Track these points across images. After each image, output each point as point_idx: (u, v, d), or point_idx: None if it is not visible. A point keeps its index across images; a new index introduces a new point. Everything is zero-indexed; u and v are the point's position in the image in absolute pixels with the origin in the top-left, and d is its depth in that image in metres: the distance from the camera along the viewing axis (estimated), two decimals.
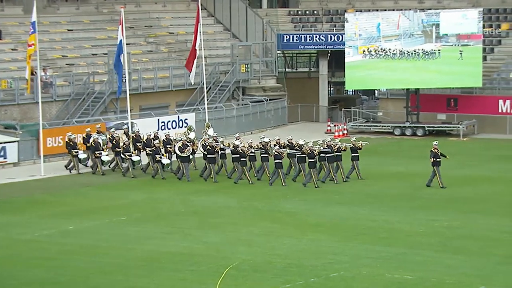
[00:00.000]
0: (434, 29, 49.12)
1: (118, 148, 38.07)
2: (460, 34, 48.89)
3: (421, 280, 22.06)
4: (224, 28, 57.71)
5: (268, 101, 52.49)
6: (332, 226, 28.21)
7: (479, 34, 48.67)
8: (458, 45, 48.69)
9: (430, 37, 49.21)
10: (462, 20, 48.69)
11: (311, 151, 34.68)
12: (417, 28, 49.46)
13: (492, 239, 26.17)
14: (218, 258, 24.44)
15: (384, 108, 53.94)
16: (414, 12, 50.08)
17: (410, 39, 49.43)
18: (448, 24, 48.90)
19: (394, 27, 49.80)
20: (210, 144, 36.38)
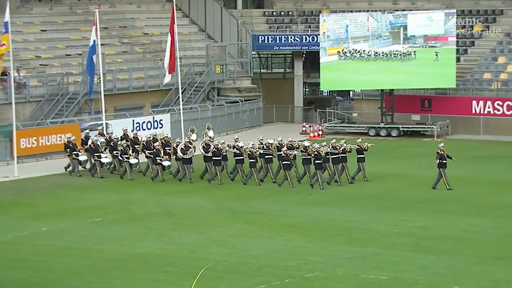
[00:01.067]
0: (402, 31, 49.34)
1: (116, 150, 37.67)
2: (427, 36, 49.15)
3: (395, 280, 22.12)
4: (199, 28, 57.63)
5: (243, 102, 52.48)
6: (306, 227, 28.23)
7: (446, 35, 48.92)
8: (425, 46, 48.94)
9: (398, 39, 49.43)
10: (430, 22, 48.93)
11: (318, 152, 34.32)
12: (385, 30, 49.66)
13: (465, 239, 26.30)
14: (193, 259, 24.39)
15: (359, 109, 54.10)
16: (382, 14, 50.26)
17: (378, 41, 49.60)
18: (416, 26, 49.14)
19: (363, 28, 49.96)
20: (216, 146, 35.93)
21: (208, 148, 36.14)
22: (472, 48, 53.99)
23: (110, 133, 39.51)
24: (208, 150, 36.10)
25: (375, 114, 51.76)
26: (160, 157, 36.39)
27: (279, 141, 36.48)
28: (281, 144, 36.27)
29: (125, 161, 37.02)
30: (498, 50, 52.94)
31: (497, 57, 52.42)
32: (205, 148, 36.23)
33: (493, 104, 49.23)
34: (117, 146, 37.79)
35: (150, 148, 37.28)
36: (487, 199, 32.25)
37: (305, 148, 35.08)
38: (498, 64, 51.93)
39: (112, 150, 37.89)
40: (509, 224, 28.13)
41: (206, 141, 36.66)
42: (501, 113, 49.02)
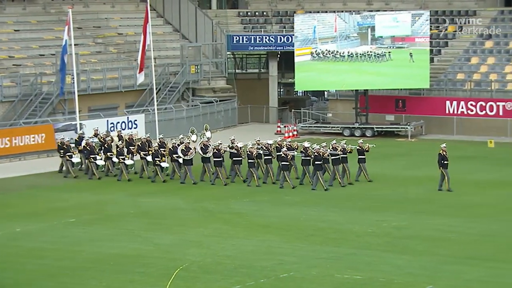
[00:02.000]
0: (369, 32, 49.55)
1: (110, 152, 37.31)
2: (395, 37, 49.39)
3: (370, 280, 22.21)
4: (173, 29, 57.53)
5: (218, 102, 52.45)
6: (281, 227, 28.27)
7: (413, 36, 49.16)
8: (393, 47, 49.18)
9: (366, 39, 49.63)
10: (397, 23, 49.16)
11: (318, 153, 34.09)
12: (353, 30, 49.83)
13: (438, 239, 26.44)
14: (168, 259, 24.35)
15: (333, 109, 54.24)
16: (350, 15, 50.42)
17: (346, 41, 49.76)
18: (383, 27, 49.35)
19: (330, 29, 50.11)
20: (216, 147, 35.66)
21: (206, 149, 35.91)
22: (446, 49, 54.30)
23: (104, 135, 38.92)
24: (206, 151, 35.89)
25: (349, 115, 51.92)
26: (160, 158, 36.02)
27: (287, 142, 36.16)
28: (280, 144, 36.05)
29: (121, 162, 36.66)
30: (471, 50, 53.27)
31: (470, 58, 52.75)
32: (203, 149, 35.99)
33: (467, 104, 49.53)
34: (111, 147, 37.36)
35: (146, 149, 36.99)
36: (461, 199, 32.42)
37: (305, 149, 34.80)
38: (471, 64, 52.26)
39: (106, 151, 37.43)
40: (483, 224, 28.32)
41: (203, 142, 36.38)
42: (474, 113, 49.32)
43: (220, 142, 36.43)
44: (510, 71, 50.78)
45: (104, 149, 37.58)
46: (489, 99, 49.26)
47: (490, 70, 51.37)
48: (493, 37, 53.46)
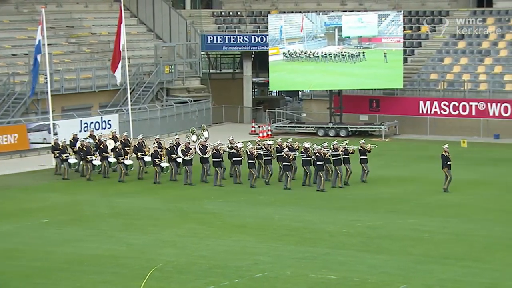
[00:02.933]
0: (336, 32, 49.70)
1: (105, 152, 36.92)
2: (361, 37, 49.59)
3: (344, 280, 22.27)
4: (147, 28, 57.38)
5: (192, 102, 52.38)
6: (256, 227, 28.28)
7: (379, 37, 49.39)
8: (360, 47, 49.39)
9: (333, 40, 49.78)
10: (363, 23, 49.36)
11: (320, 153, 33.88)
12: (320, 31, 49.95)
13: (412, 238, 26.56)
14: (142, 260, 24.28)
15: (307, 109, 54.35)
16: (317, 15, 50.54)
17: (313, 42, 49.88)
18: (350, 27, 49.52)
19: (297, 29, 50.21)
20: (216, 147, 35.33)
21: (205, 149, 35.67)
22: (419, 49, 54.57)
23: (99, 136, 38.50)
24: (205, 151, 35.69)
25: (324, 115, 52.04)
26: (159, 158, 35.70)
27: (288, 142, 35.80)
28: (280, 145, 35.78)
29: (120, 162, 36.28)
30: (444, 51, 53.57)
31: (443, 58, 53.05)
32: (201, 149, 35.73)
33: (440, 104, 49.80)
34: (107, 148, 37.02)
35: (142, 150, 36.76)
36: (435, 198, 32.59)
37: (305, 150, 34.58)
38: (444, 64, 52.55)
39: (102, 152, 37.05)
40: (456, 224, 28.48)
41: (202, 142, 36.08)
42: (448, 113, 49.60)
43: (220, 143, 36.07)
44: (483, 71, 51.12)
45: (100, 150, 37.12)
46: (462, 99, 49.55)
47: (463, 70, 51.68)
48: (466, 37, 53.78)
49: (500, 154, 42.69)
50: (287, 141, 36.18)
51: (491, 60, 51.68)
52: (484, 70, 51.14)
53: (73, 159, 37.13)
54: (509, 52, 51.74)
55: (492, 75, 50.65)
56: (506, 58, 51.44)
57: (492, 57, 51.81)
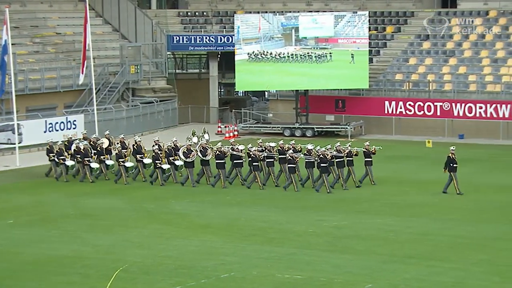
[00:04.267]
0: (293, 32, 49.86)
1: (102, 155, 36.48)
2: (318, 38, 49.79)
3: (310, 280, 22.33)
4: (113, 28, 57.15)
5: (158, 102, 52.26)
6: (223, 227, 28.27)
7: (336, 37, 49.63)
8: (317, 48, 49.58)
9: (290, 40, 49.94)
10: (320, 24, 49.55)
11: (323, 155, 33.45)
12: (277, 31, 50.08)
13: (378, 238, 26.69)
14: (108, 260, 24.19)
15: (274, 109, 54.43)
16: (274, 16, 50.66)
17: (270, 42, 50.00)
18: (307, 28, 49.69)
19: (254, 29, 50.30)
20: (219, 149, 34.91)
21: (206, 152, 35.37)
22: (385, 50, 54.87)
23: (94, 138, 37.94)
24: (206, 154, 35.32)
25: (290, 115, 52.16)
26: (160, 160, 35.30)
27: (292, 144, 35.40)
28: (282, 147, 35.32)
29: (121, 165, 35.76)
30: (409, 51, 53.91)
31: (408, 58, 53.38)
32: (202, 151, 35.37)
33: (405, 105, 50.11)
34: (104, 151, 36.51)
35: (141, 152, 36.40)
36: (400, 198, 32.77)
37: (309, 151, 34.22)
38: (409, 65, 52.88)
39: (99, 155, 36.54)
40: (421, 223, 28.66)
41: (202, 145, 35.67)
42: (413, 113, 49.92)
43: (222, 144, 35.70)
44: (447, 71, 51.52)
45: (97, 153, 36.64)
46: (427, 99, 49.90)
47: (427, 70, 52.03)
48: (431, 37, 54.17)
49: (465, 154, 42.95)
50: (290, 143, 35.73)
51: (455, 60, 52.09)
52: (449, 71, 51.54)
53: (70, 161, 36.45)
54: (473, 52, 52.18)
55: (457, 75, 51.05)
56: (470, 59, 51.88)
57: (456, 58, 52.23)
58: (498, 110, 48.02)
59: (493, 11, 54.03)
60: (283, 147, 35.42)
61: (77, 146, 36.62)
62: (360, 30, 49.65)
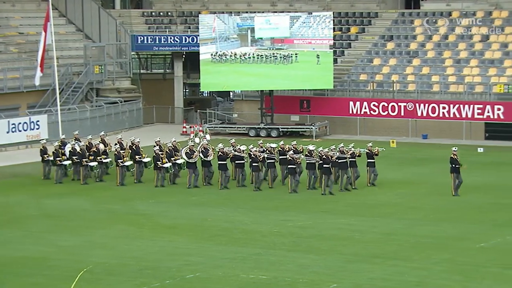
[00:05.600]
0: (249, 33, 49.95)
1: (99, 156, 36.02)
2: (274, 38, 49.93)
3: (275, 280, 22.36)
4: (76, 28, 56.83)
5: (122, 103, 52.05)
6: (188, 228, 28.24)
7: (292, 38, 49.80)
8: (273, 48, 49.71)
9: (245, 41, 50.01)
10: (276, 25, 49.67)
11: (327, 156, 33.09)
12: (233, 32, 50.13)
13: (342, 238, 26.80)
14: (72, 261, 24.05)
15: (239, 109, 54.45)
16: (229, 16, 50.72)
17: (226, 43, 50.03)
18: (263, 28, 49.81)
19: (209, 30, 50.33)
20: (221, 150, 34.50)
21: (207, 152, 35.03)
22: (349, 50, 55.10)
23: (90, 139, 37.51)
24: (207, 154, 34.98)
25: (255, 115, 52.20)
26: (160, 161, 34.97)
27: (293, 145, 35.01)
28: (283, 148, 35.03)
29: (121, 165, 35.38)
30: (373, 52, 54.20)
31: (372, 59, 53.66)
32: (203, 152, 35.08)
33: (369, 105, 50.37)
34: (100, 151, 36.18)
35: (139, 153, 36.03)
36: (365, 198, 32.91)
37: (310, 152, 33.93)
38: (374, 65, 53.17)
39: (96, 155, 36.13)
40: (385, 223, 28.82)
41: (204, 145, 35.30)
42: (377, 113, 50.19)
43: (222, 144, 35.30)
44: (411, 72, 51.85)
45: (94, 154, 36.19)
46: (391, 100, 50.20)
47: (392, 71, 52.35)
48: (394, 38, 54.49)
49: (428, 154, 43.33)
50: (291, 144, 35.50)
51: (419, 61, 52.45)
52: (412, 71, 51.88)
53: (67, 161, 35.99)
54: (436, 53, 52.59)
55: (420, 76, 51.41)
56: (433, 59, 52.27)
57: (420, 58, 52.59)
58: (461, 111, 48.43)
59: (456, 12, 54.48)
60: (283, 147, 35.16)
61: (73, 147, 36.27)
62: (315, 31, 49.72)
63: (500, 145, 45.72)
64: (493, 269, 23.13)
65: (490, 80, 49.37)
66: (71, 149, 36.27)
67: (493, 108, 47.76)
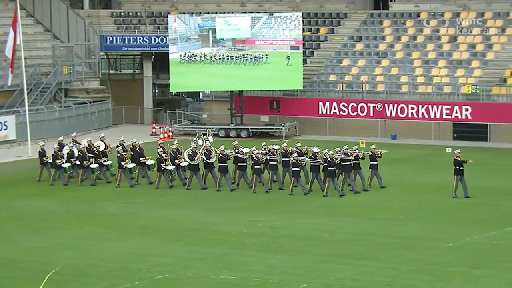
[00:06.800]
0: (210, 34, 49.96)
1: (99, 158, 35.71)
2: (235, 39, 50.00)
3: (245, 280, 22.37)
4: (44, 28, 56.49)
5: (91, 103, 51.81)
6: (157, 229, 28.17)
7: (253, 39, 49.89)
8: (234, 49, 49.77)
9: (207, 42, 49.99)
10: (237, 25, 49.74)
11: (331, 159, 32.86)
12: (194, 32, 50.12)
13: (312, 238, 26.86)
14: (40, 263, 23.91)
15: (208, 110, 54.41)
16: (190, 17, 50.71)
17: (187, 43, 49.99)
18: (224, 29, 49.84)
19: (170, 30, 50.29)
20: (222, 152, 34.19)
21: (210, 154, 34.71)
22: (318, 51, 55.25)
23: (89, 141, 36.97)
24: (210, 156, 34.66)
25: (225, 116, 52.18)
26: (164, 163, 34.68)
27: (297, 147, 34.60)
28: (285, 150, 34.67)
29: (122, 167, 35.04)
30: (343, 52, 54.39)
31: (342, 60, 53.83)
32: (206, 154, 34.78)
33: (339, 105, 50.52)
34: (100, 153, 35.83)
35: (143, 155, 35.70)
36: (334, 199, 32.98)
37: (314, 155, 33.63)
38: (343, 66, 53.34)
39: (97, 157, 35.77)
40: (354, 223, 28.92)
41: (206, 147, 34.97)
42: (346, 114, 50.36)
43: (223, 146, 35.04)
44: (380, 72, 52.10)
45: (94, 156, 35.87)
46: (360, 100, 50.40)
47: (361, 71, 52.55)
48: (363, 39, 54.72)
49: (397, 155, 43.48)
50: (295, 146, 35.14)
51: (387, 61, 52.72)
52: (381, 72, 52.13)
53: (66, 163, 35.58)
54: (404, 54, 52.87)
55: (389, 76, 51.66)
56: (402, 60, 52.55)
57: (388, 59, 52.85)
58: (430, 111, 48.72)
59: (424, 13, 54.82)
60: (286, 149, 34.89)
61: (71, 149, 35.95)
62: (276, 32, 49.74)
63: (468, 145, 46.01)
64: (461, 268, 23.29)
65: (458, 80, 49.72)
66: (69, 151, 35.97)
67: (461, 109, 48.10)
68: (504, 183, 33.07)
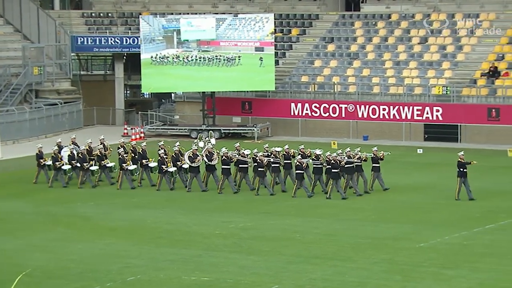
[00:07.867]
0: (175, 35, 49.90)
1: (102, 160, 35.34)
2: (200, 40, 49.99)
3: (217, 281, 22.36)
4: (14, 29, 56.09)
5: (62, 104, 51.53)
6: (129, 230, 28.08)
7: (218, 40, 49.92)
8: (199, 50, 49.76)
9: (171, 43, 49.90)
10: (202, 27, 49.75)
11: (335, 161, 32.57)
12: (158, 34, 50.03)
13: (284, 239, 26.89)
14: (10, 265, 23.75)
15: (180, 111, 54.30)
16: (154, 18, 50.64)
17: (151, 44, 49.88)
18: (189, 30, 49.81)
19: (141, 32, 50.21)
20: (226, 154, 33.95)
21: (211, 156, 34.50)
22: (290, 52, 55.32)
23: (89, 143, 36.70)
24: (211, 158, 34.43)
25: (197, 117, 52.11)
26: (166, 165, 34.46)
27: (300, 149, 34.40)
28: (288, 152, 34.45)
29: (123, 169, 34.74)
30: (315, 53, 54.49)
31: (313, 61, 53.93)
32: (208, 156, 34.45)
33: (311, 106, 50.59)
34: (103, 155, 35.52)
35: (146, 157, 35.42)
36: (306, 199, 33.03)
37: (317, 157, 33.39)
38: (315, 67, 53.44)
39: (99, 159, 35.39)
40: (326, 224, 28.99)
41: (208, 149, 34.67)
42: (318, 115, 50.44)
43: (226, 148, 34.72)
44: (352, 74, 52.24)
45: (97, 157, 35.49)
46: (332, 101, 50.50)
47: (332, 73, 52.68)
48: (335, 40, 54.85)
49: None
50: (299, 148, 34.92)
51: (359, 63, 52.88)
52: (353, 73, 52.27)
53: (66, 165, 35.27)
54: (376, 55, 53.05)
55: (361, 77, 51.81)
56: (374, 61, 52.74)
57: (360, 60, 53.02)
58: (401, 112, 48.92)
59: (395, 14, 55.05)
60: (288, 152, 34.71)
61: (71, 151, 35.63)
62: (241, 33, 49.72)
63: (439, 146, 46.29)
64: (432, 268, 23.41)
65: (429, 82, 49.97)
66: (70, 153, 35.64)
67: (432, 110, 48.35)
68: (475, 184, 33.28)
